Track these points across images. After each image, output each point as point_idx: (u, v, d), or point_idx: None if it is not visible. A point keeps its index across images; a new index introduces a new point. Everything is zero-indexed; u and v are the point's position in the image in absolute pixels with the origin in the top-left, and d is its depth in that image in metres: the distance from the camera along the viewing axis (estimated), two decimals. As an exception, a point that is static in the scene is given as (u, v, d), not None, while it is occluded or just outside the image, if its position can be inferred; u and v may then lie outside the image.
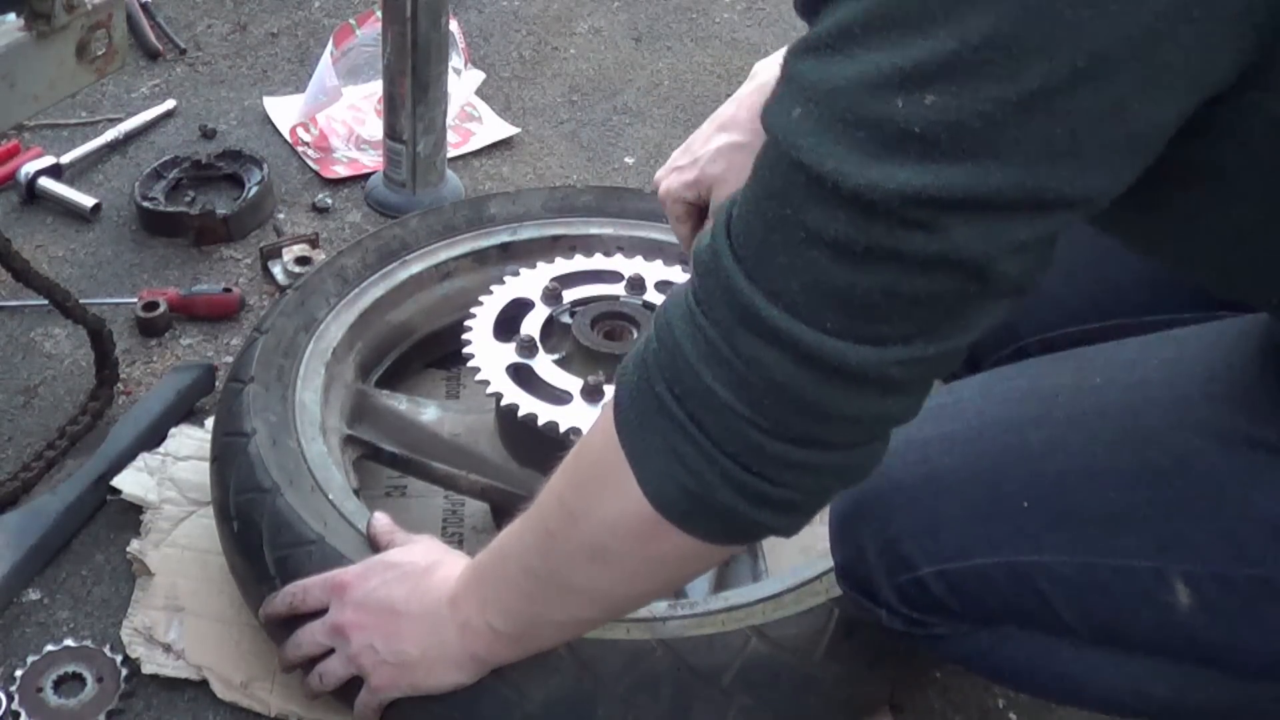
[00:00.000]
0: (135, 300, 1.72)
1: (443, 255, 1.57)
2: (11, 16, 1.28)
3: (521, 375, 1.34)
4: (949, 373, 0.84)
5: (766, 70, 1.28)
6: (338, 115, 2.11)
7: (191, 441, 1.49)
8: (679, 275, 1.49)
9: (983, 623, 1.05)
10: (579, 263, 1.49)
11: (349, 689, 1.13)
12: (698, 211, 1.27)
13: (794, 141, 0.72)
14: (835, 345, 0.75)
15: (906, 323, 0.75)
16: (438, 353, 1.60)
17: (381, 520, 1.21)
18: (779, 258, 0.75)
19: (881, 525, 1.03)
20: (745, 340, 0.77)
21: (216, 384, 1.59)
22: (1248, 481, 0.95)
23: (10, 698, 1.25)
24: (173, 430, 1.51)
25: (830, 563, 1.10)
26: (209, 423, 1.44)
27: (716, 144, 1.25)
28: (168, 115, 2.14)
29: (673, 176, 1.27)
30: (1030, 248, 0.73)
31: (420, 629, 1.09)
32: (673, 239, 1.59)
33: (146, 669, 1.28)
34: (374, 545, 1.19)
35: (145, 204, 1.89)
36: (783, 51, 1.26)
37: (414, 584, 1.11)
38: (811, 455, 0.81)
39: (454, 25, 2.11)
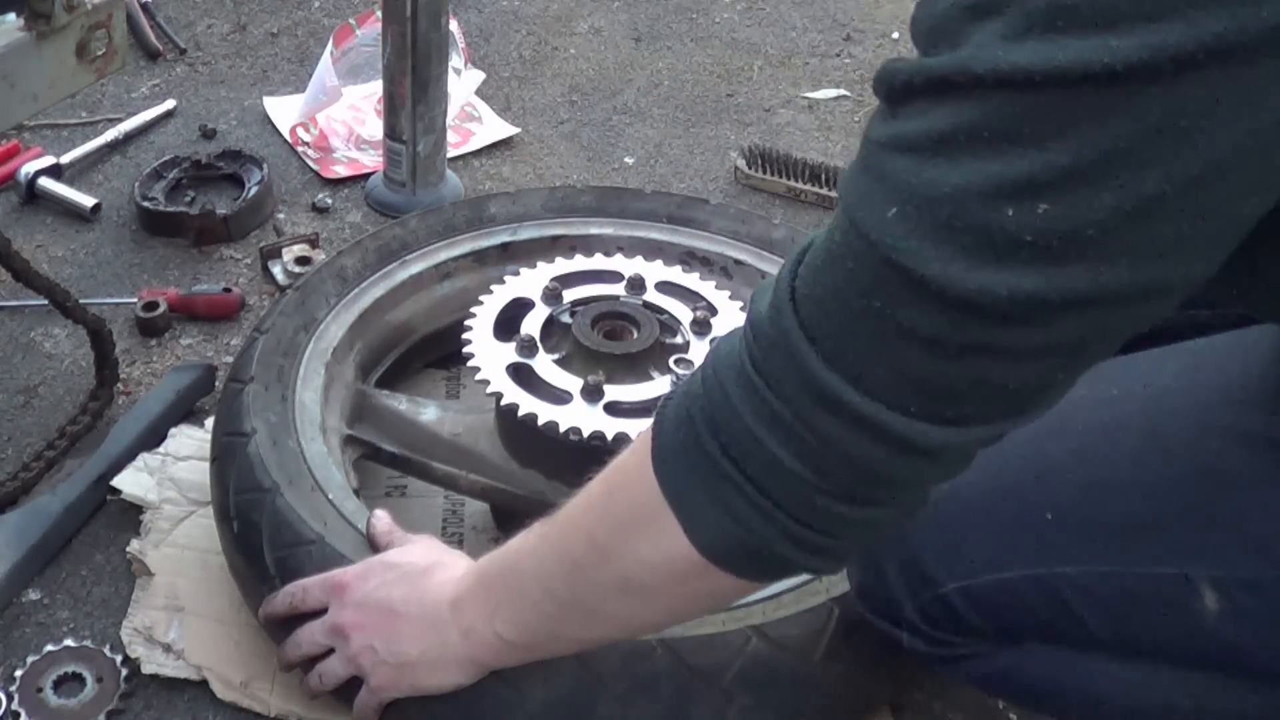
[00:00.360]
0: (135, 300, 1.72)
1: (443, 255, 1.57)
2: (11, 16, 1.28)
3: (521, 375, 1.34)
4: None
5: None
6: (338, 115, 2.11)
7: (191, 441, 1.49)
8: (679, 275, 1.49)
9: (1007, 640, 1.04)
10: (579, 262, 1.49)
11: (348, 689, 1.13)
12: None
13: (891, 244, 0.72)
14: (920, 428, 0.76)
15: (993, 406, 0.76)
16: (437, 353, 1.60)
17: (381, 520, 1.21)
18: (862, 346, 0.75)
19: (902, 544, 1.03)
20: (820, 419, 0.78)
21: (216, 384, 1.59)
22: (1273, 484, 0.95)
23: (10, 698, 1.25)
24: (173, 430, 1.51)
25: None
26: (209, 423, 1.44)
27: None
28: (168, 115, 2.14)
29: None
30: (1127, 335, 0.74)
31: (420, 630, 1.09)
32: (673, 239, 1.60)
33: (146, 669, 1.28)
34: (373, 545, 1.19)
35: (145, 204, 1.89)
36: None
37: (413, 585, 1.10)
38: (874, 513, 0.82)
39: (454, 25, 2.11)
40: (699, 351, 1.38)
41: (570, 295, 1.43)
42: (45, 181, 1.93)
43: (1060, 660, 1.04)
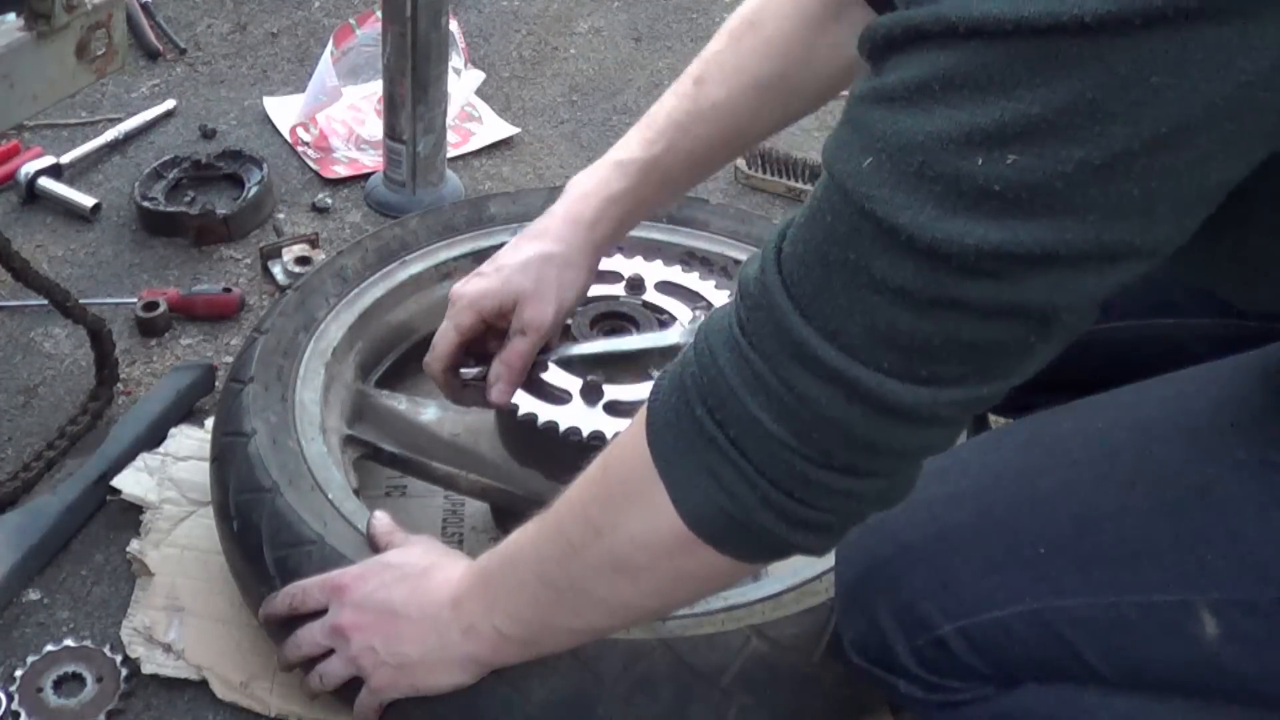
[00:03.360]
0: (135, 300, 1.72)
1: (443, 255, 1.57)
2: (11, 16, 1.28)
3: (521, 375, 1.34)
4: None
5: (580, 184, 1.28)
6: (338, 115, 2.11)
7: (191, 441, 1.49)
8: (679, 275, 1.49)
9: (1006, 681, 1.02)
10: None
11: (349, 689, 1.13)
12: (483, 329, 1.27)
13: (865, 191, 0.72)
14: (892, 386, 0.76)
15: (964, 365, 0.76)
16: (438, 353, 1.60)
17: (381, 520, 1.21)
18: (838, 299, 0.76)
19: (894, 589, 1.02)
20: (797, 375, 0.78)
21: (216, 384, 1.59)
22: (1267, 504, 0.94)
23: (10, 698, 1.25)
24: (173, 430, 1.51)
25: (830, 561, 1.10)
26: (209, 423, 1.44)
27: (525, 254, 1.25)
28: (168, 115, 2.14)
29: (473, 282, 1.26)
30: (1095, 297, 0.74)
31: (420, 630, 1.09)
32: (673, 239, 1.60)
33: (146, 669, 1.28)
34: (373, 545, 1.19)
35: (145, 204, 1.89)
36: (612, 160, 1.28)
37: (413, 585, 1.10)
38: (854, 483, 0.82)
39: (454, 25, 2.11)
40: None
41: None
42: (45, 181, 1.93)
43: (1060, 702, 1.02)
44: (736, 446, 0.82)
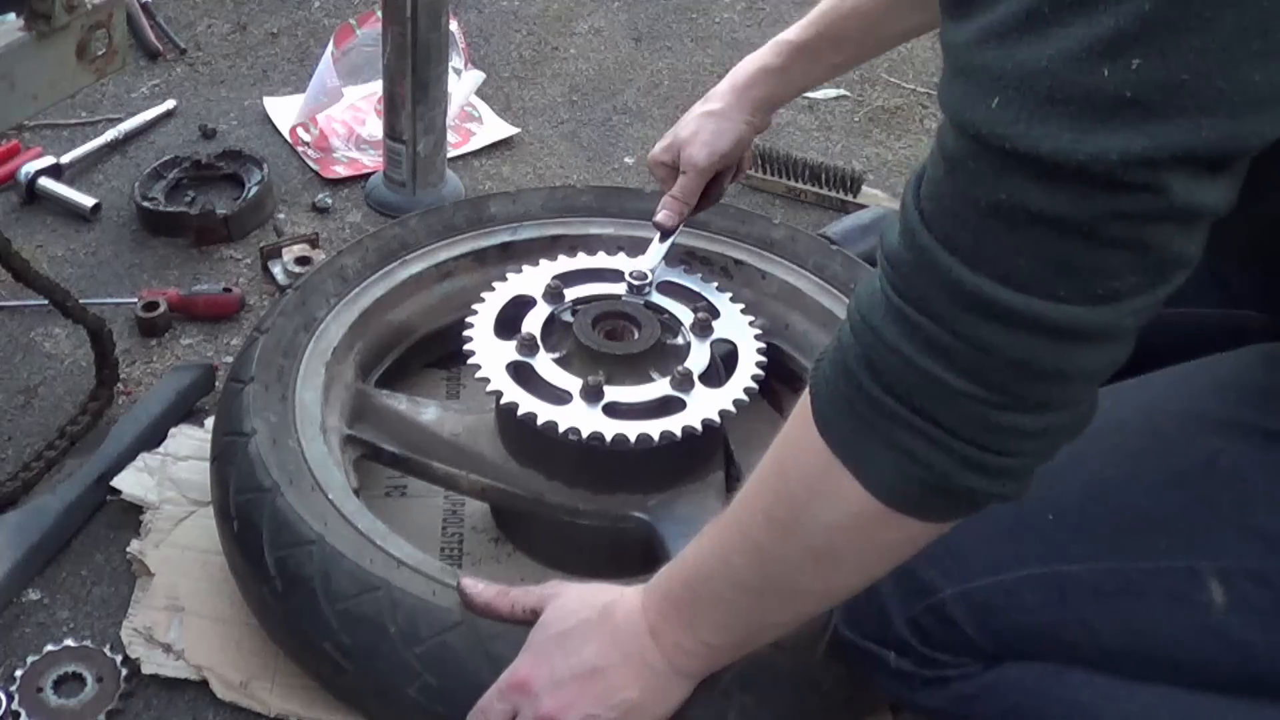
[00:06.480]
0: (135, 300, 1.72)
1: (443, 255, 1.57)
2: (11, 16, 1.28)
3: (521, 374, 1.34)
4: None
5: (744, 61, 1.51)
6: (338, 115, 2.11)
7: (191, 441, 1.49)
8: (679, 275, 1.49)
9: (998, 654, 1.03)
10: (581, 261, 1.49)
11: None
12: (672, 171, 1.52)
13: (1000, 132, 0.73)
14: (1075, 312, 0.77)
15: (1135, 275, 0.77)
16: (438, 352, 1.60)
17: (476, 585, 1.14)
18: (1002, 242, 0.76)
19: None
20: (976, 326, 0.79)
21: (216, 384, 1.59)
22: (1274, 474, 0.95)
23: (10, 698, 1.25)
24: (173, 430, 1.51)
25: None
26: (209, 423, 1.44)
27: (690, 115, 1.53)
28: (168, 115, 2.14)
29: (657, 146, 1.54)
30: (1226, 186, 0.75)
31: (632, 672, 1.05)
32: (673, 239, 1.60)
33: (146, 669, 1.28)
34: (488, 613, 1.13)
35: (145, 204, 1.89)
36: (772, 41, 1.47)
37: (599, 637, 1.06)
38: (1049, 419, 0.83)
39: (454, 25, 2.11)
40: (699, 353, 1.38)
41: (572, 294, 1.43)
42: (45, 181, 1.93)
43: (1045, 674, 1.03)
44: (923, 415, 0.82)
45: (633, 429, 1.28)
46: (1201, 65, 0.69)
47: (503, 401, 1.32)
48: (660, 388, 1.32)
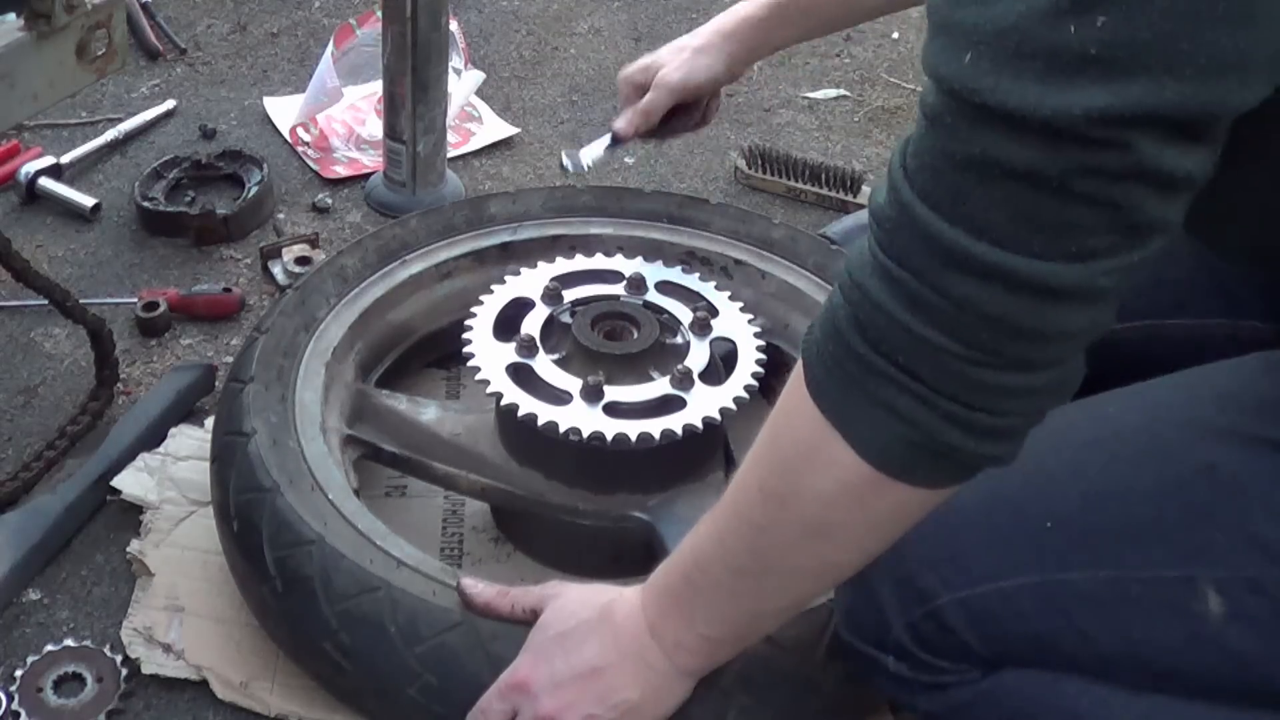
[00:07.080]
0: (135, 300, 1.72)
1: (443, 255, 1.57)
2: (11, 16, 1.28)
3: (521, 375, 1.34)
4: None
5: (731, 9, 1.55)
6: (338, 115, 2.11)
7: (191, 441, 1.49)
8: (679, 275, 1.49)
9: (996, 661, 1.03)
10: (580, 262, 1.49)
11: None
12: (640, 90, 1.57)
13: (973, 86, 0.74)
14: (1049, 268, 0.77)
15: (1110, 233, 0.77)
16: (437, 353, 1.60)
17: (476, 585, 1.14)
18: (977, 196, 0.77)
19: (897, 561, 1.01)
20: (953, 281, 0.79)
21: (216, 384, 1.59)
22: (1273, 483, 0.95)
23: (10, 698, 1.25)
24: (173, 430, 1.51)
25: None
26: (209, 423, 1.44)
27: (674, 44, 1.58)
28: (168, 115, 2.14)
29: (631, 66, 1.60)
30: (1203, 154, 0.76)
31: (631, 671, 1.05)
32: (673, 239, 1.60)
33: (146, 669, 1.28)
34: (489, 612, 1.13)
35: (145, 204, 1.89)
36: None
37: (599, 636, 1.06)
38: (1030, 378, 0.83)
39: (454, 25, 2.11)
40: (699, 351, 1.38)
41: (570, 295, 1.43)
42: (45, 181, 1.93)
43: (1041, 682, 1.02)
44: (907, 371, 0.83)
45: (633, 428, 1.28)
46: (1165, 26, 0.69)
47: (503, 403, 1.32)
48: (660, 386, 1.32)
